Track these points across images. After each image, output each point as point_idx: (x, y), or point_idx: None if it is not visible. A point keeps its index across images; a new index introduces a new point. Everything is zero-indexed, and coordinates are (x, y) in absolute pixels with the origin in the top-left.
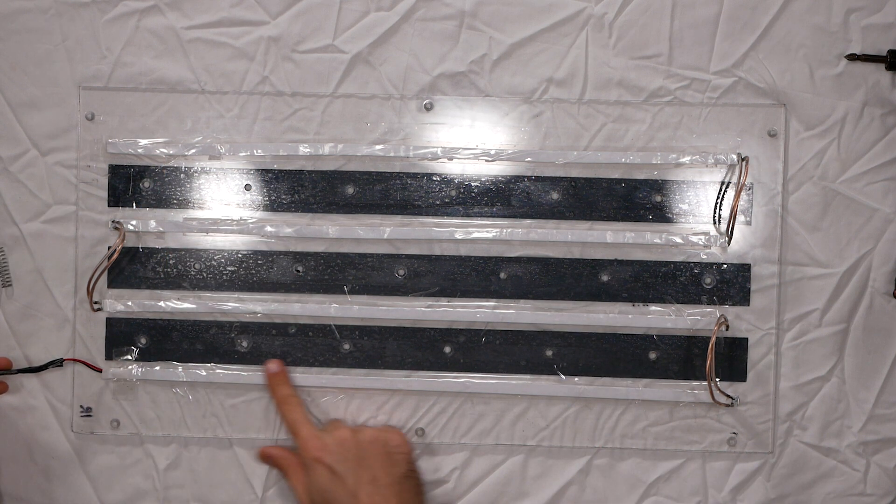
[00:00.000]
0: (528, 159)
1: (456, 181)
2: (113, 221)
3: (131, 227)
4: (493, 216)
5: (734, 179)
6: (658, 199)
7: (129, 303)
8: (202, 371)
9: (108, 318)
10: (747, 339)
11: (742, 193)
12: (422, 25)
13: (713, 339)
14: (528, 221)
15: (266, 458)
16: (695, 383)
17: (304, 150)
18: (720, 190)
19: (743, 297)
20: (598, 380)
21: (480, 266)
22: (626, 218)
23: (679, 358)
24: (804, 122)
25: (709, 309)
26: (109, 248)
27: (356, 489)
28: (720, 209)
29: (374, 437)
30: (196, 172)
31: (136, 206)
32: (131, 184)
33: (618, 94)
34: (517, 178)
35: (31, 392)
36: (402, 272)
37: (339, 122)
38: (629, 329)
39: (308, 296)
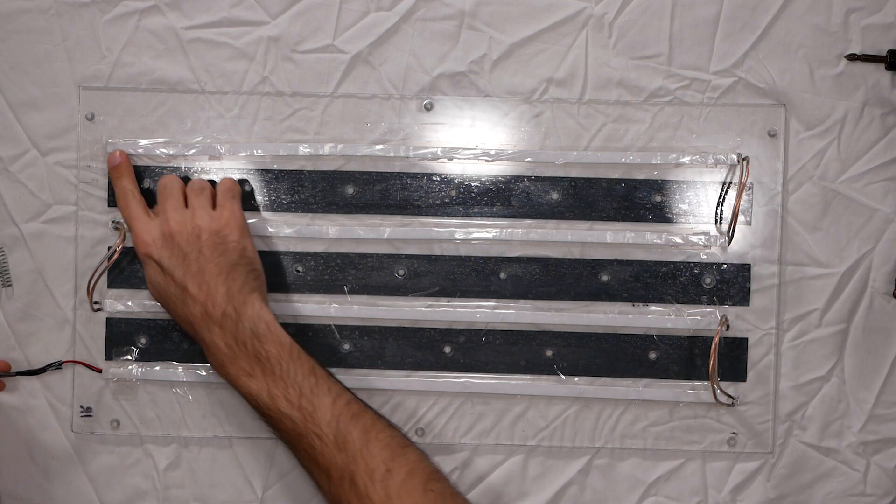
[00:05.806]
0: (528, 159)
1: (456, 181)
2: (113, 221)
3: None
4: (493, 216)
5: (735, 179)
6: (658, 199)
7: (129, 303)
8: (202, 371)
9: (108, 319)
10: (747, 339)
11: (742, 193)
12: (422, 25)
13: (716, 339)
14: (528, 221)
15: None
16: (695, 383)
17: (303, 150)
18: (721, 190)
19: (743, 297)
20: (598, 380)
21: (480, 266)
22: (625, 218)
23: (679, 358)
24: (804, 122)
25: (709, 309)
26: (109, 248)
27: (184, 282)
28: (721, 209)
29: (201, 228)
30: (196, 172)
31: None
32: None
33: (618, 94)
34: (517, 178)
35: (31, 392)
36: (402, 272)
37: (339, 122)
38: (629, 329)
39: (308, 296)
